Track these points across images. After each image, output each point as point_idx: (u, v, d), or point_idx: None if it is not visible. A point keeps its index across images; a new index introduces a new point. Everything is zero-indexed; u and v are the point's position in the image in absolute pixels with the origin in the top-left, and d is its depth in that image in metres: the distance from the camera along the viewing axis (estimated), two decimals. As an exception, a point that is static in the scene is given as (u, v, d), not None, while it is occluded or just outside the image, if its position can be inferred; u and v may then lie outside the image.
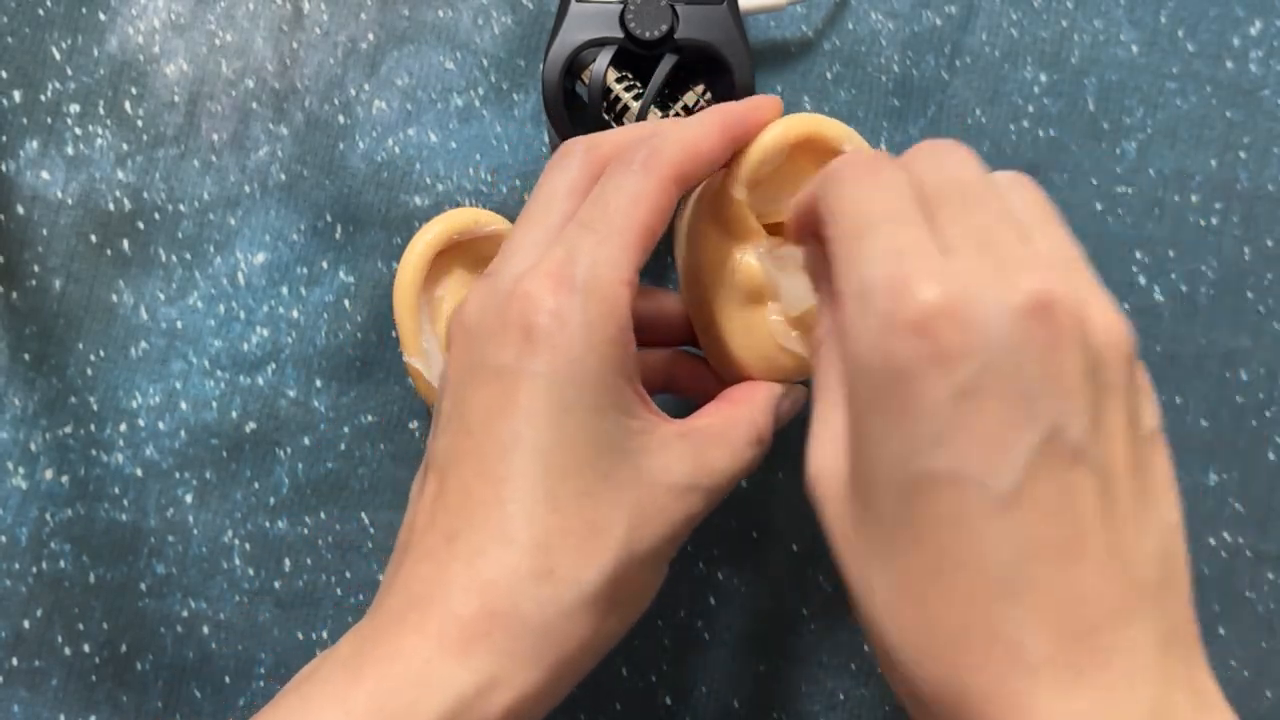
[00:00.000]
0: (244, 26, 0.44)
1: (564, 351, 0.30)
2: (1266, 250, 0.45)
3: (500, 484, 0.30)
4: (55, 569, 0.42)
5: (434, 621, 0.29)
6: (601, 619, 0.30)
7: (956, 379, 0.25)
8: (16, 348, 0.43)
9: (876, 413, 0.26)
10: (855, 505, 0.27)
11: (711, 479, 0.32)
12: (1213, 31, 0.45)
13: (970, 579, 0.25)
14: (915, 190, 0.28)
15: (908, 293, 0.25)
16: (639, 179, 0.31)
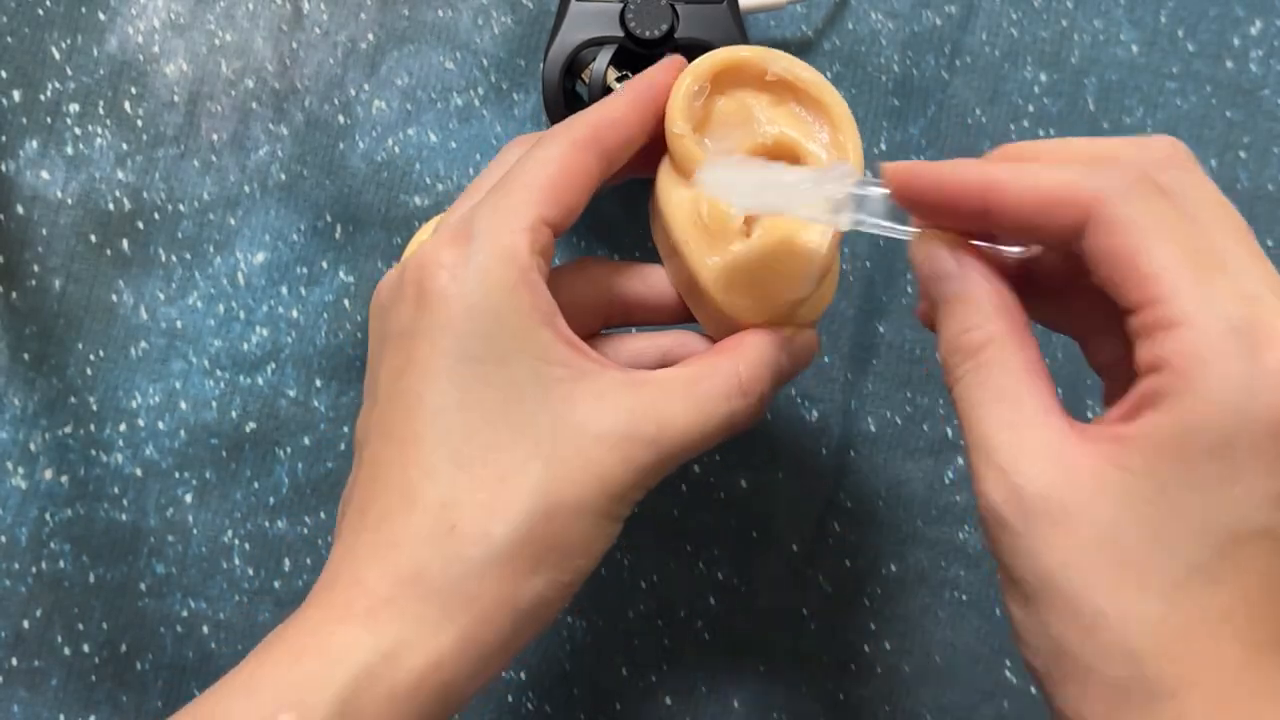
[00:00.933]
0: (244, 26, 0.44)
1: (459, 302, 0.29)
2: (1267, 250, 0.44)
3: (404, 447, 0.29)
4: (55, 569, 0.42)
5: (340, 594, 0.28)
6: (520, 575, 0.28)
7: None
8: (16, 348, 0.43)
9: (1222, 460, 0.24)
10: (1125, 538, 0.25)
11: (662, 430, 0.29)
12: (1213, 31, 0.45)
13: (1263, 629, 0.25)
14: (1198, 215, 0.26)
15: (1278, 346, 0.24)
16: (545, 146, 0.31)
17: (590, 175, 0.31)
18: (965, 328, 0.28)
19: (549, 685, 0.43)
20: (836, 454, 0.43)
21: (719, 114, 0.34)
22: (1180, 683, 0.25)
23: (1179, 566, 0.25)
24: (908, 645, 0.43)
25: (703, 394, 0.30)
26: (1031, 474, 0.26)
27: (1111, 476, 0.25)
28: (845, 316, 0.44)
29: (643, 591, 0.43)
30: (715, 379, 0.31)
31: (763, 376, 0.32)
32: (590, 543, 0.29)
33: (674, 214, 0.34)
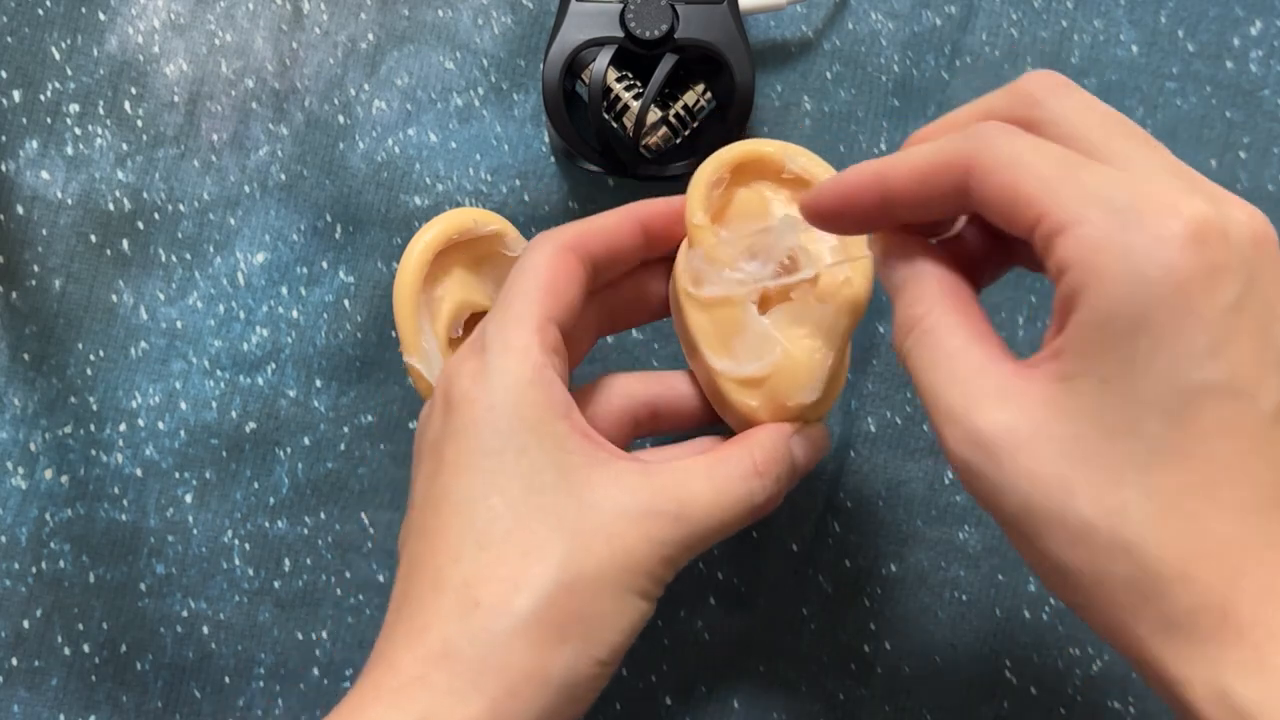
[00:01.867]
0: (244, 26, 0.44)
1: (480, 403, 0.31)
2: (1266, 250, 0.45)
3: (433, 540, 0.31)
4: (55, 569, 0.42)
5: (373, 679, 0.30)
6: (547, 646, 0.29)
7: (1228, 292, 0.25)
8: (16, 348, 0.43)
9: (1144, 332, 0.25)
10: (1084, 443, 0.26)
11: (683, 508, 0.31)
12: (1212, 32, 0.45)
13: (1245, 489, 0.25)
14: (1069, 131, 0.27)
15: (1175, 207, 0.25)
16: (535, 253, 0.34)
17: (576, 276, 0.33)
18: (908, 305, 0.29)
19: (549, 685, 0.43)
20: (836, 454, 0.43)
21: (737, 205, 0.37)
22: (1184, 563, 0.25)
23: (1142, 450, 0.25)
24: (908, 645, 0.43)
25: (720, 475, 0.32)
26: (985, 416, 0.27)
27: (1057, 391, 0.26)
28: (845, 317, 0.44)
29: (643, 591, 0.43)
30: (730, 462, 0.33)
31: (776, 459, 0.34)
32: (616, 617, 0.30)
33: (693, 312, 0.36)
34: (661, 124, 0.40)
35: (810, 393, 0.36)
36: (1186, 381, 0.25)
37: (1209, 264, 0.25)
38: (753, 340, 0.35)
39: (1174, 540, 0.25)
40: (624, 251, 0.35)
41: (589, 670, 0.30)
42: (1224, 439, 0.25)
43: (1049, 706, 0.43)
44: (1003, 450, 0.27)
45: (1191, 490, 0.25)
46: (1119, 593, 0.26)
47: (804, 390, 0.36)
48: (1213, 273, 0.25)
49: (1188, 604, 0.25)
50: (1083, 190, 0.26)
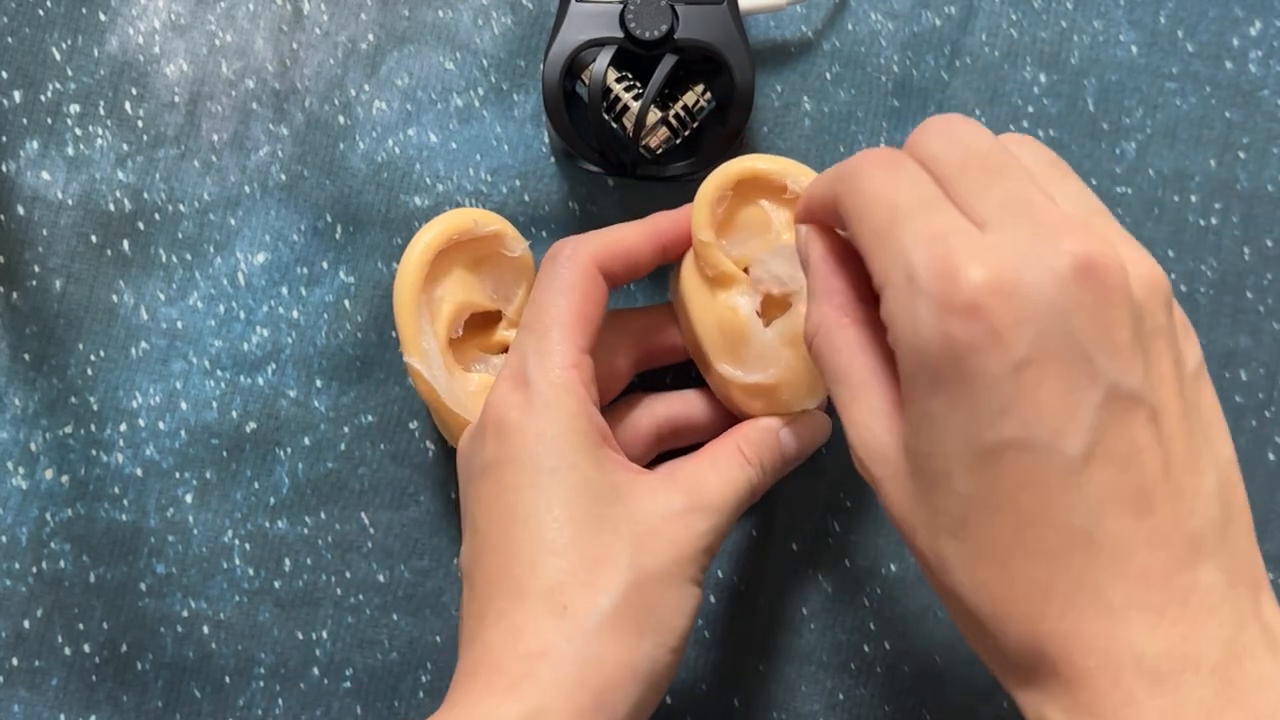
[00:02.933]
0: (244, 27, 0.44)
1: (532, 431, 0.34)
2: (1266, 250, 0.45)
3: (505, 555, 0.33)
4: (55, 569, 0.42)
5: (480, 684, 0.32)
6: (633, 638, 0.32)
7: (1014, 352, 0.25)
8: (17, 348, 0.43)
9: (938, 393, 0.27)
10: (917, 481, 0.28)
11: (706, 498, 0.35)
12: (1212, 32, 0.45)
13: (1050, 537, 0.26)
14: (934, 172, 0.29)
15: (955, 275, 0.26)
16: (562, 273, 0.36)
17: (602, 298, 0.37)
18: (808, 316, 0.32)
19: (549, 685, 0.43)
20: (836, 454, 0.43)
21: (740, 219, 0.38)
22: (996, 608, 0.27)
23: (955, 503, 0.27)
24: (908, 645, 0.43)
25: (722, 466, 0.36)
26: (864, 445, 0.30)
27: (902, 434, 0.29)
28: (845, 317, 0.44)
29: (643, 591, 0.43)
30: (725, 455, 0.37)
31: (760, 446, 0.37)
32: (679, 605, 0.34)
33: (699, 316, 0.38)
34: (661, 124, 0.40)
35: (813, 400, 0.38)
36: (981, 441, 0.26)
37: (988, 329, 0.25)
38: (757, 350, 0.37)
39: (986, 588, 0.27)
40: (643, 266, 0.38)
41: (665, 659, 0.33)
42: (1027, 491, 0.26)
43: (1049, 706, 0.43)
44: (877, 480, 0.30)
45: (1000, 541, 0.27)
46: (963, 626, 0.29)
47: (807, 399, 0.38)
48: (994, 335, 0.25)
49: (1005, 644, 0.27)
50: (896, 251, 0.27)
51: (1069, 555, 0.26)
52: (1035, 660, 0.27)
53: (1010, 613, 0.27)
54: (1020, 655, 0.27)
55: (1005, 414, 0.26)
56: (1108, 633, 0.26)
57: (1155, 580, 0.26)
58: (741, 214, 0.39)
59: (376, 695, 0.42)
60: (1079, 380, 0.26)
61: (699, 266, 0.38)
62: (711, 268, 0.37)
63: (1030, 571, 0.26)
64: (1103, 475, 0.26)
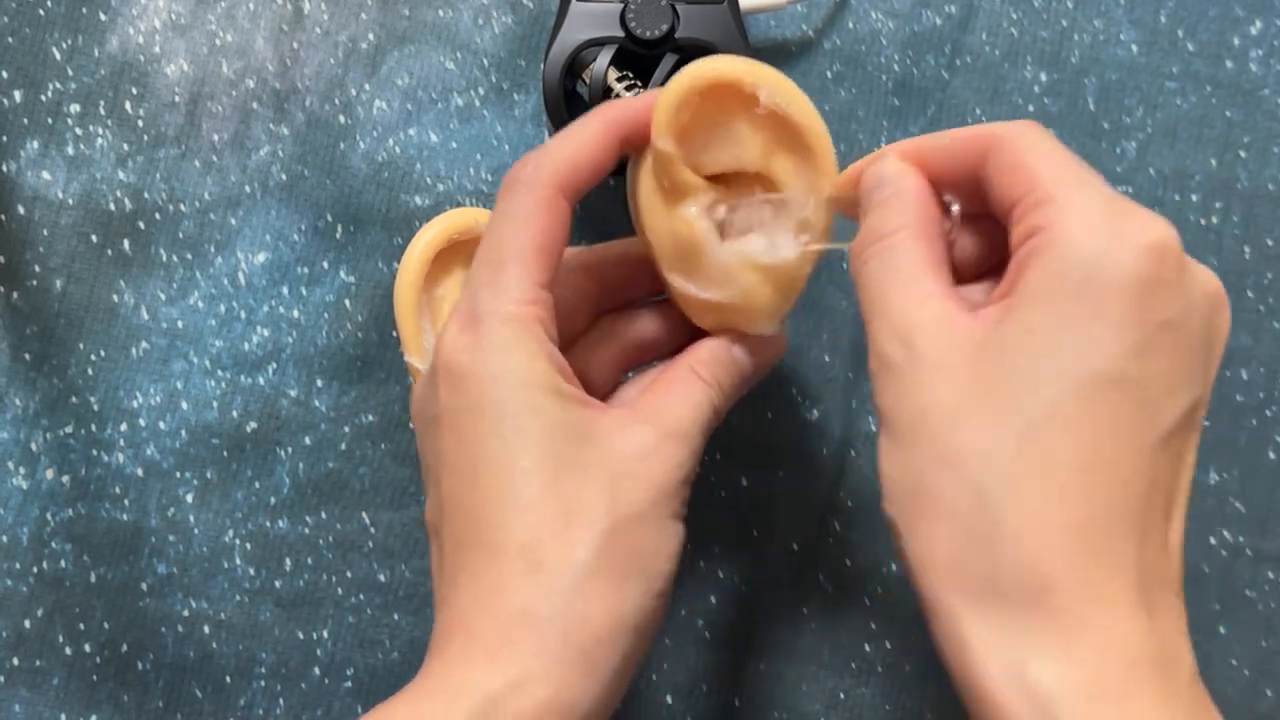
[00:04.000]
0: (244, 26, 0.44)
1: (486, 375, 0.31)
2: (1266, 249, 0.45)
3: (474, 509, 0.31)
4: (56, 569, 0.42)
5: (456, 649, 0.30)
6: (615, 589, 0.30)
7: (1172, 309, 0.27)
8: (17, 348, 0.43)
9: (1082, 305, 0.27)
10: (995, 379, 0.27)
11: (674, 425, 0.33)
12: (1213, 31, 0.45)
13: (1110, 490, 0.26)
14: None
15: (1148, 221, 0.27)
16: (521, 201, 0.33)
17: (566, 221, 0.33)
18: (883, 218, 0.31)
19: (550, 685, 0.43)
20: (837, 454, 0.43)
21: (705, 125, 0.34)
22: (1023, 527, 0.26)
23: (1035, 408, 0.26)
24: (908, 644, 0.43)
25: (682, 391, 0.34)
26: (923, 333, 0.29)
27: (990, 335, 0.28)
28: (845, 316, 0.44)
29: (643, 591, 0.43)
30: (682, 379, 0.34)
31: (715, 365, 0.35)
32: (662, 545, 0.32)
33: (652, 224, 0.35)
34: (662, 123, 0.40)
35: (769, 326, 0.35)
36: (1105, 366, 0.26)
37: (1167, 281, 0.27)
38: (712, 268, 0.34)
39: (1022, 503, 0.26)
40: (604, 170, 0.34)
41: (652, 605, 0.31)
42: (1116, 434, 0.26)
43: (1049, 705, 0.43)
44: (924, 361, 0.28)
45: (1058, 468, 0.26)
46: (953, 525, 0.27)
47: (763, 323, 0.35)
48: (1167, 288, 0.27)
49: (1011, 567, 0.26)
50: (1082, 183, 0.28)
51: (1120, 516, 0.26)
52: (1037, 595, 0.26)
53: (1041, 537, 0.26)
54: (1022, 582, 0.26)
55: (1140, 354, 0.26)
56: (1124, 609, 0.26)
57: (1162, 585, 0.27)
58: (706, 120, 0.34)
59: (377, 695, 0.42)
60: (1197, 369, 0.27)
61: (656, 174, 0.34)
62: (669, 179, 0.34)
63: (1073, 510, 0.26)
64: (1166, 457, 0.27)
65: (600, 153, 0.33)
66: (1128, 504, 0.26)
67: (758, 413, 0.44)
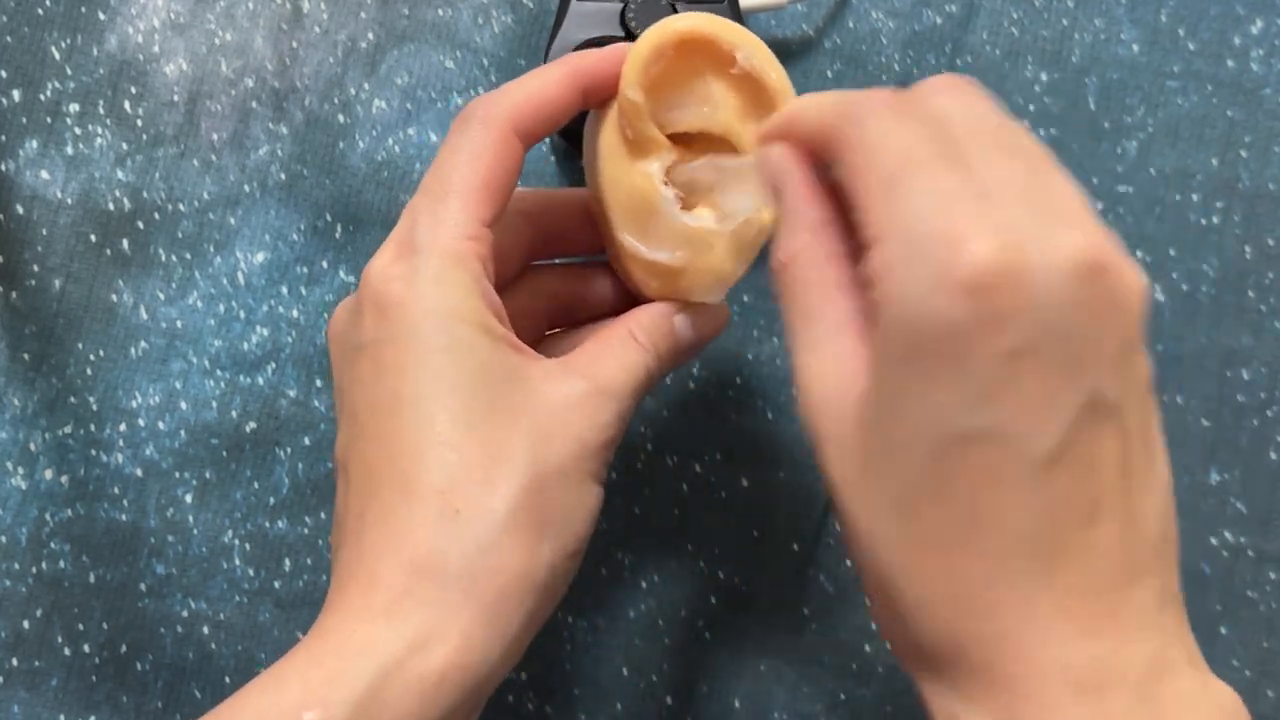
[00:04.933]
0: (244, 26, 0.44)
1: (417, 306, 0.30)
2: (1267, 249, 0.44)
3: (390, 444, 0.30)
4: (55, 569, 0.42)
5: (357, 596, 0.29)
6: (530, 543, 0.29)
7: (1009, 340, 0.24)
8: (16, 347, 0.43)
9: (917, 364, 0.25)
10: (868, 449, 0.27)
11: (606, 383, 0.32)
12: (1214, 30, 0.45)
13: (997, 535, 0.25)
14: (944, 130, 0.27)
15: (962, 249, 0.24)
16: (474, 135, 0.31)
17: (518, 160, 0.32)
18: (783, 236, 0.30)
19: (549, 685, 0.43)
20: (837, 454, 0.43)
21: (674, 83, 0.34)
22: (925, 598, 0.26)
23: (906, 483, 0.26)
24: (908, 645, 0.43)
25: (618, 350, 0.33)
26: (818, 396, 0.28)
27: (864, 402, 0.27)
28: (846, 316, 0.44)
29: (643, 591, 0.43)
30: (618, 339, 0.33)
31: (654, 331, 0.34)
32: (581, 504, 0.31)
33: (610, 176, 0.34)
34: (662, 123, 0.40)
35: (714, 294, 0.35)
36: (951, 427, 0.25)
37: (989, 312, 0.24)
38: (666, 228, 0.34)
39: (918, 575, 0.26)
40: (562, 117, 0.33)
41: (564, 565, 0.30)
42: (985, 486, 0.25)
43: (1050, 706, 0.43)
44: (824, 436, 0.28)
45: (945, 531, 0.26)
46: (879, 606, 0.28)
47: (709, 291, 0.35)
48: (992, 321, 0.24)
49: (924, 635, 0.26)
50: (900, 205, 0.25)
51: (1011, 557, 0.25)
52: (954, 657, 0.26)
53: (937, 605, 0.26)
54: (939, 649, 0.26)
55: (984, 402, 0.24)
56: (1037, 640, 0.25)
57: (1091, 592, 0.25)
58: (677, 77, 0.34)
59: (377, 695, 0.42)
60: (1065, 381, 0.25)
61: (620, 125, 0.33)
62: (634, 130, 0.33)
63: (968, 568, 0.25)
64: (1062, 481, 0.25)
65: (560, 97, 0.32)
66: (1022, 544, 0.25)
67: (758, 413, 0.44)
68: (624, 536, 0.43)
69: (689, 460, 0.44)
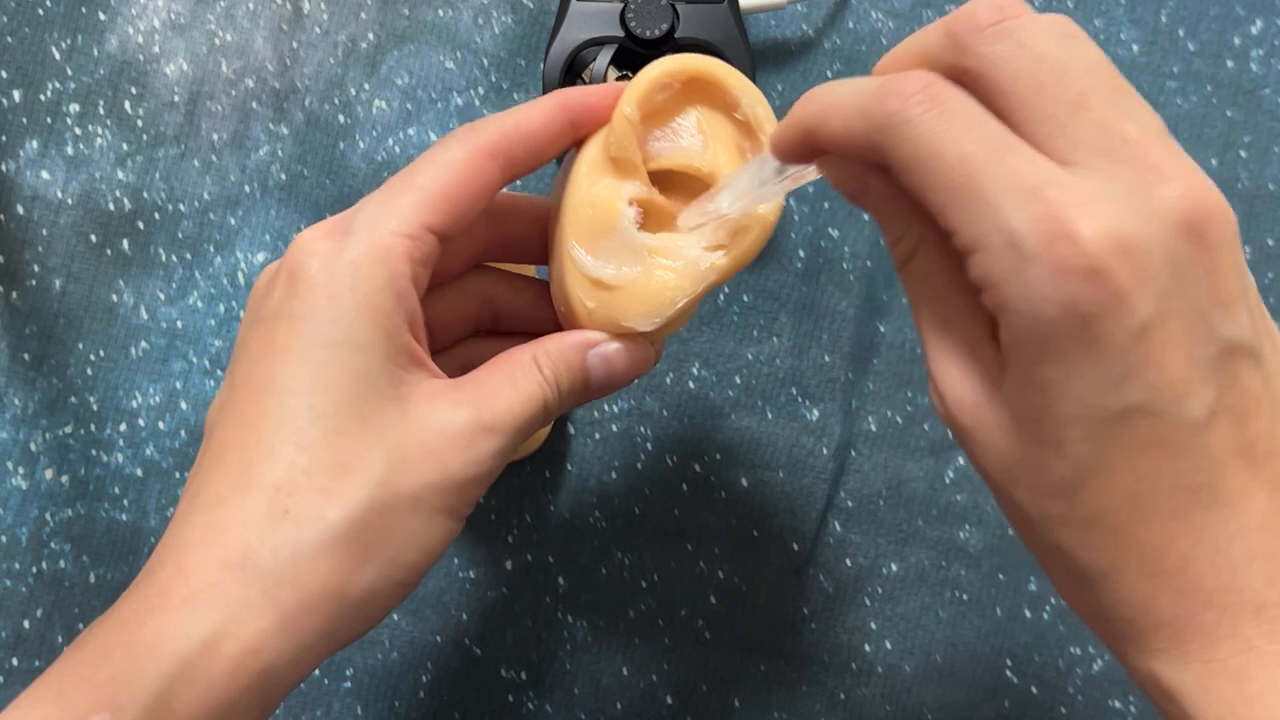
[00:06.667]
0: (244, 26, 0.44)
1: (325, 290, 0.29)
2: (1267, 249, 0.44)
3: (247, 427, 0.29)
4: (55, 569, 0.42)
5: (159, 584, 0.28)
6: (352, 563, 0.28)
7: (1138, 315, 0.24)
8: (17, 348, 0.43)
9: (1052, 359, 0.25)
10: (1020, 439, 0.26)
11: (494, 415, 0.30)
12: (1213, 31, 0.45)
13: (1170, 496, 0.25)
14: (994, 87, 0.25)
15: (1067, 236, 0.23)
16: (450, 149, 0.31)
17: (491, 184, 0.31)
18: (895, 238, 0.29)
19: (549, 685, 0.43)
20: (836, 454, 0.43)
21: (675, 116, 0.34)
22: (1108, 566, 0.26)
23: (1068, 466, 0.26)
24: (908, 645, 0.43)
25: (518, 379, 0.31)
26: (951, 389, 0.27)
27: (1000, 386, 0.26)
28: (845, 316, 0.44)
29: (643, 590, 0.43)
30: (520, 367, 0.32)
31: (560, 363, 0.32)
32: (424, 537, 0.29)
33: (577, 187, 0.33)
34: (661, 123, 0.40)
35: (647, 323, 0.34)
36: (1103, 409, 0.25)
37: (1112, 292, 0.24)
38: (619, 245, 0.33)
39: (1096, 547, 0.26)
40: (549, 149, 0.32)
41: (387, 590, 0.29)
42: (1147, 455, 0.25)
43: (1049, 706, 0.43)
44: (964, 434, 0.27)
45: (1116, 503, 0.26)
46: (1062, 582, 0.28)
47: (642, 318, 0.33)
48: (1118, 299, 0.24)
49: (1111, 600, 0.26)
50: (983, 212, 0.24)
51: (1189, 513, 0.25)
52: (1144, 617, 0.26)
53: (1121, 571, 0.26)
54: (1128, 612, 0.26)
55: (1128, 380, 0.24)
56: (1227, 585, 0.25)
57: (1272, 526, 0.25)
58: (673, 113, 0.34)
59: (376, 695, 0.42)
60: (1198, 339, 0.25)
61: (607, 141, 0.33)
62: (618, 147, 0.33)
63: (1147, 531, 0.26)
64: (1222, 430, 0.25)
65: (546, 127, 0.32)
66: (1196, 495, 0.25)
67: (758, 413, 0.44)
68: (624, 536, 0.43)
69: (689, 460, 0.44)
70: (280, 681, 0.28)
